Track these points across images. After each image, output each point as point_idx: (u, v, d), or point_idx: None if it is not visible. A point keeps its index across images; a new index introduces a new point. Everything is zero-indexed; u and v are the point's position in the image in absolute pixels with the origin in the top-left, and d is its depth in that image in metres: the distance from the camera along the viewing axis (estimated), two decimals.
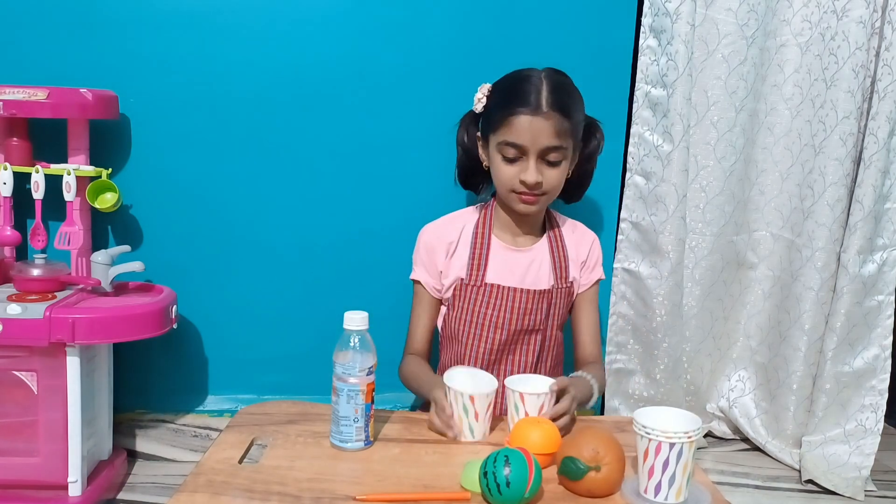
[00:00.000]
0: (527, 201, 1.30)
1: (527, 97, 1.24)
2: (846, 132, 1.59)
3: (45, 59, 1.50)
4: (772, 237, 1.73)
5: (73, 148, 1.47)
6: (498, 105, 1.29)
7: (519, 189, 1.28)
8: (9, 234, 1.44)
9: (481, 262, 1.35)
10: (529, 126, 1.23)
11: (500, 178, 1.30)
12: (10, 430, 1.36)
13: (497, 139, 1.28)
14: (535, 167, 1.26)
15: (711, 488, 1.00)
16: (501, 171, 1.29)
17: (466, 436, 1.12)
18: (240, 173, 1.58)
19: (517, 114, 1.23)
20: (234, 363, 1.65)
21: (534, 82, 1.25)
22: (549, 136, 1.24)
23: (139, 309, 1.36)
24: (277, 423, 1.16)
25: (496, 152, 1.29)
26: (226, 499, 0.91)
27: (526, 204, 1.30)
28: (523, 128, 1.23)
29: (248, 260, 1.61)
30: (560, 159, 1.28)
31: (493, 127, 1.29)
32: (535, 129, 1.23)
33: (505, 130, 1.25)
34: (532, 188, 1.27)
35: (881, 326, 1.66)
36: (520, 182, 1.27)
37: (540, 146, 1.24)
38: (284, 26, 1.53)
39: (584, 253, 1.42)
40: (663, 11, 1.52)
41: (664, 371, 1.65)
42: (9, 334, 1.28)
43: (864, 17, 1.55)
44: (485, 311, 1.33)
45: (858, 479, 1.62)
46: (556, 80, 1.27)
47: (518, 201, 1.31)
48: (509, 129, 1.25)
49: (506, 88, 1.29)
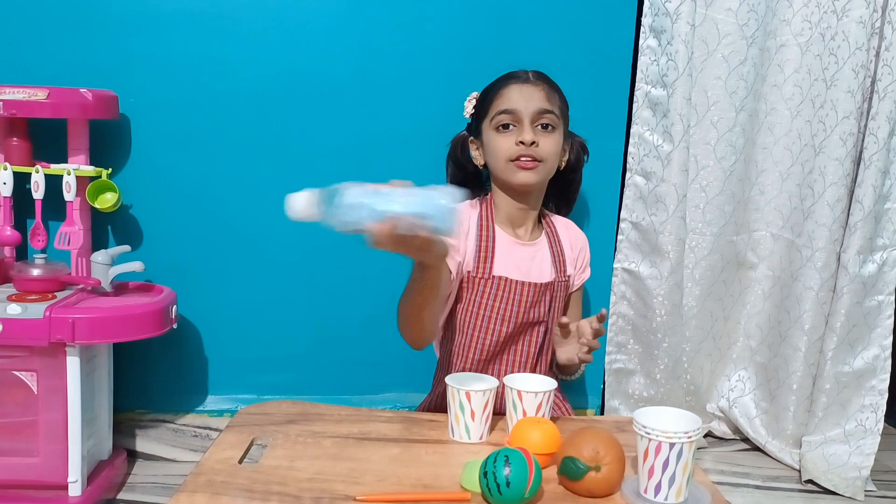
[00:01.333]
0: (526, 167, 1.30)
1: (514, 74, 1.32)
2: (846, 132, 1.59)
3: (45, 59, 1.50)
4: (772, 237, 1.73)
5: (73, 148, 1.47)
6: (487, 93, 1.34)
7: (516, 155, 1.29)
8: (9, 234, 1.44)
9: (488, 254, 1.36)
10: (520, 92, 1.30)
11: (498, 151, 1.32)
12: (10, 430, 1.36)
13: (490, 117, 1.32)
14: (531, 130, 1.30)
15: (711, 488, 1.00)
16: (498, 143, 1.31)
17: (463, 437, 1.12)
18: (240, 173, 1.58)
19: (507, 85, 1.31)
20: (234, 363, 1.65)
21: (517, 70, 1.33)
22: (540, 100, 1.30)
23: (139, 309, 1.36)
24: (277, 423, 1.16)
25: (491, 131, 1.33)
26: (226, 499, 0.91)
27: (526, 171, 1.30)
28: (515, 95, 1.30)
29: (248, 260, 1.61)
30: (553, 125, 1.31)
31: (485, 112, 1.33)
32: (526, 93, 1.30)
33: (497, 103, 1.31)
34: (529, 148, 1.29)
35: (881, 326, 1.66)
36: (517, 144, 1.29)
37: (532, 109, 1.29)
38: (284, 26, 1.54)
39: (577, 251, 1.44)
40: (663, 11, 1.52)
41: (664, 371, 1.65)
42: (9, 334, 1.28)
43: (864, 17, 1.55)
44: (492, 303, 1.34)
45: (858, 479, 1.62)
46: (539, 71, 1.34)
47: (517, 170, 1.30)
48: (501, 100, 1.30)
49: (491, 84, 1.35)
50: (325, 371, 1.66)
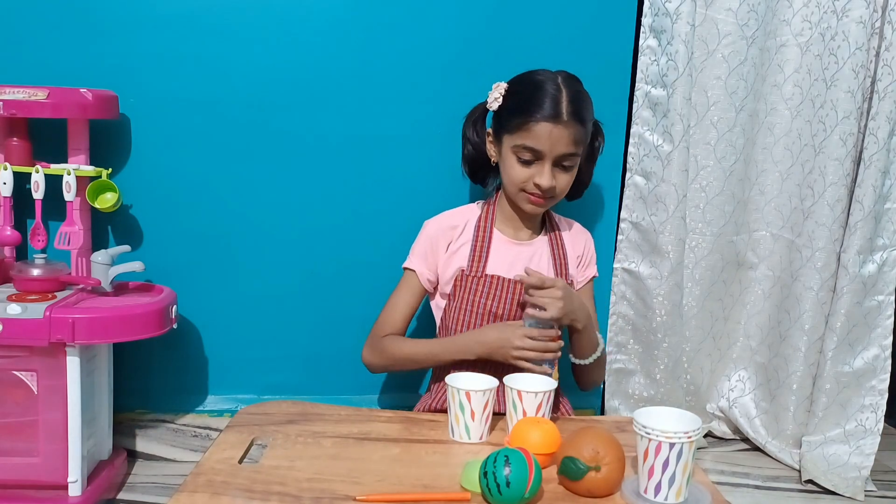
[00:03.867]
0: (536, 202, 1.34)
1: (547, 106, 1.27)
2: (846, 132, 1.59)
3: (45, 59, 1.50)
4: (772, 237, 1.73)
5: (73, 148, 1.47)
6: (516, 109, 1.31)
7: (530, 190, 1.33)
8: (9, 234, 1.44)
9: (482, 254, 1.37)
10: (549, 134, 1.27)
11: (513, 178, 1.34)
12: (10, 430, 1.36)
13: (514, 142, 1.31)
14: (550, 172, 1.30)
15: (711, 488, 1.00)
16: (515, 171, 1.33)
17: (463, 437, 1.12)
18: (240, 173, 1.58)
19: (537, 121, 1.27)
20: (234, 363, 1.65)
21: (553, 90, 1.29)
22: (566, 144, 1.29)
23: (139, 309, 1.36)
24: (277, 423, 1.16)
25: (511, 153, 1.33)
26: (226, 499, 0.91)
27: (534, 205, 1.35)
28: (543, 135, 1.27)
29: (248, 260, 1.61)
30: (573, 164, 1.33)
31: (510, 129, 1.32)
32: (555, 136, 1.27)
33: (523, 135, 1.29)
34: (545, 192, 1.31)
35: (881, 326, 1.66)
36: (534, 185, 1.31)
37: (557, 153, 1.29)
38: (285, 26, 1.53)
39: (580, 250, 1.45)
40: (663, 11, 1.52)
41: (664, 371, 1.65)
42: (9, 334, 1.28)
43: (864, 17, 1.55)
44: (484, 301, 1.35)
45: (858, 479, 1.62)
46: (573, 87, 1.31)
47: (527, 201, 1.35)
48: (528, 135, 1.28)
49: (524, 93, 1.32)
50: (325, 371, 1.66)
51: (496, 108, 1.36)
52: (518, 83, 1.35)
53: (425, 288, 1.41)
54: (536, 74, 1.33)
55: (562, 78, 1.31)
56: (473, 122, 1.44)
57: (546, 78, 1.31)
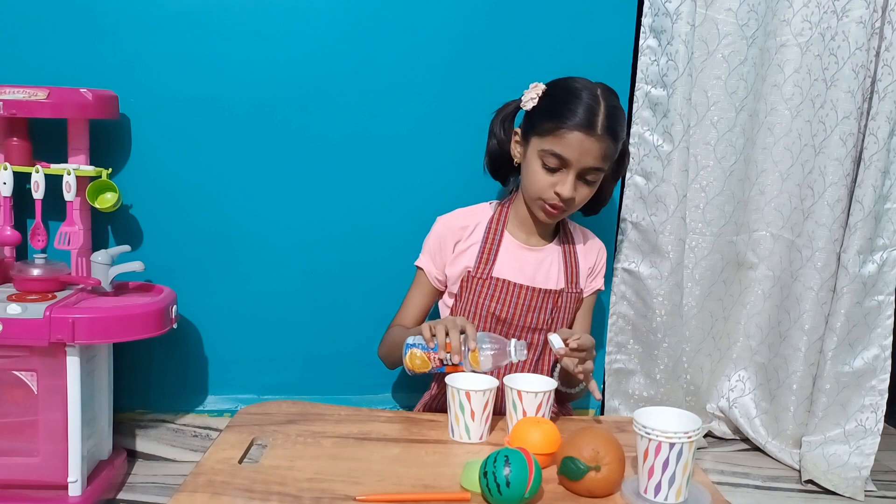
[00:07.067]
0: (551, 213, 1.32)
1: (582, 115, 1.24)
2: (846, 132, 1.59)
3: (45, 59, 1.50)
4: (772, 237, 1.73)
5: (73, 148, 1.47)
6: (551, 113, 1.27)
7: (549, 199, 1.30)
8: (9, 234, 1.44)
9: (490, 256, 1.36)
10: (580, 144, 1.24)
11: (534, 184, 1.31)
12: (10, 430, 1.36)
13: (542, 146, 1.28)
14: (573, 183, 1.27)
15: (711, 488, 1.00)
16: (537, 176, 1.29)
17: (463, 437, 1.12)
18: (240, 173, 1.58)
19: (570, 129, 1.24)
20: (234, 363, 1.65)
21: (590, 100, 1.25)
22: (595, 158, 1.26)
23: (139, 309, 1.36)
24: (277, 423, 1.16)
25: (536, 157, 1.29)
26: (226, 499, 0.91)
27: (549, 215, 1.33)
28: (574, 144, 1.24)
29: (248, 260, 1.61)
30: (596, 179, 1.31)
31: (541, 132, 1.28)
32: (585, 148, 1.25)
33: (554, 140, 1.26)
34: (564, 202, 1.29)
35: (881, 326, 1.66)
36: (554, 193, 1.28)
37: (583, 165, 1.26)
38: (285, 26, 1.53)
39: (592, 262, 1.44)
40: (663, 11, 1.52)
41: (664, 371, 1.65)
42: (9, 334, 1.28)
43: (864, 17, 1.55)
44: (489, 304, 1.34)
45: (858, 479, 1.62)
46: (611, 101, 1.28)
47: (542, 210, 1.32)
48: (558, 141, 1.25)
49: (561, 98, 1.28)
50: (325, 371, 1.66)
51: (530, 107, 1.32)
52: (556, 87, 1.31)
53: (435, 286, 1.41)
54: (575, 81, 1.30)
55: (601, 90, 1.28)
56: (503, 118, 1.40)
57: (585, 87, 1.28)
